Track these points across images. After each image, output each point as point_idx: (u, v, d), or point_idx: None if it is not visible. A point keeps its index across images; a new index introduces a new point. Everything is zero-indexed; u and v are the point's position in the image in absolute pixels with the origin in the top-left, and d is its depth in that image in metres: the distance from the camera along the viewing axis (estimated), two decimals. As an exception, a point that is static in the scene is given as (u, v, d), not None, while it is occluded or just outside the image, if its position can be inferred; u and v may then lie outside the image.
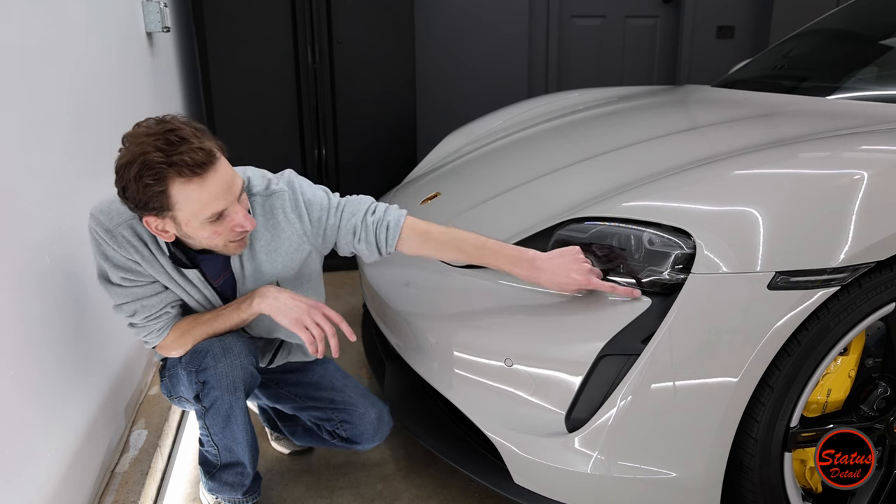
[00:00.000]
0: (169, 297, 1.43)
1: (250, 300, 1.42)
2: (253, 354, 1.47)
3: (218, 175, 1.25)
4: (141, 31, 2.35)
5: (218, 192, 1.24)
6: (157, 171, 1.19)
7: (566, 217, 1.45)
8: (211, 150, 1.24)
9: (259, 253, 1.44)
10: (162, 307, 1.42)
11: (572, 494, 1.37)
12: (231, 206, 1.28)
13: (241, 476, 1.56)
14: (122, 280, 1.37)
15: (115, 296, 1.39)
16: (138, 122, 1.25)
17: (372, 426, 1.62)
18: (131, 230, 1.34)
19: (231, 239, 1.33)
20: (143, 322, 1.41)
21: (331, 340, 1.39)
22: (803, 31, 2.52)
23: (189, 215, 1.25)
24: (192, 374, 1.41)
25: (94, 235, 1.35)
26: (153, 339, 1.44)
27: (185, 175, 1.20)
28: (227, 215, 1.28)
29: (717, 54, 4.49)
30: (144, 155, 1.19)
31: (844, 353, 1.39)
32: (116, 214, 1.34)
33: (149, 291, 1.40)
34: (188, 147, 1.20)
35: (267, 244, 1.44)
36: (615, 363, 1.31)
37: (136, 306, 1.39)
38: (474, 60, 4.26)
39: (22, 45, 1.35)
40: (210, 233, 1.29)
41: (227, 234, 1.31)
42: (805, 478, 1.44)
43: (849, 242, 1.24)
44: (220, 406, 1.42)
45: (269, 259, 1.45)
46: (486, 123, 2.55)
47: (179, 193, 1.22)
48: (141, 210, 1.25)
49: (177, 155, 1.19)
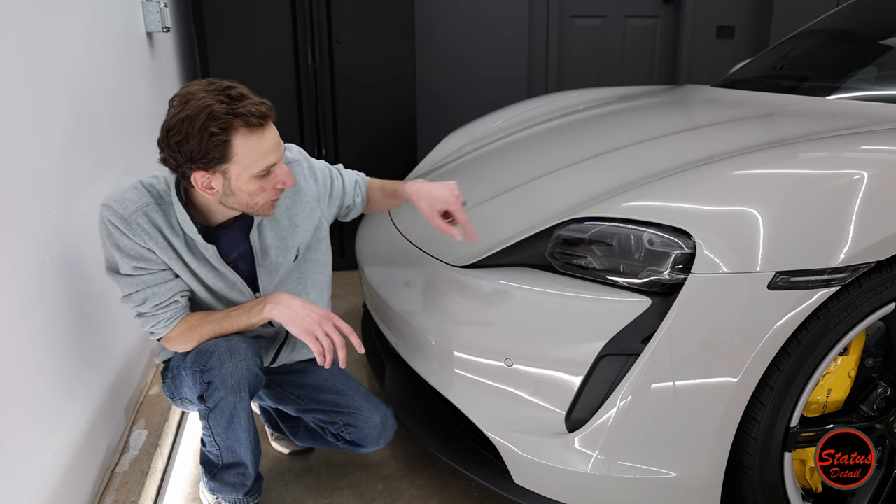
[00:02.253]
0: (179, 285, 1.44)
1: (262, 305, 1.44)
2: (258, 356, 1.47)
3: (273, 130, 1.34)
4: (141, 31, 2.35)
5: (273, 146, 1.33)
6: (223, 122, 1.26)
7: (566, 217, 1.45)
8: (270, 105, 1.33)
9: (281, 219, 1.52)
10: (172, 295, 1.43)
11: (572, 494, 1.37)
12: (280, 162, 1.36)
13: (243, 477, 1.56)
14: (134, 270, 1.39)
15: (124, 286, 1.41)
16: (188, 83, 1.33)
17: (376, 430, 1.62)
18: (146, 217, 1.38)
19: (272, 197, 1.39)
20: (152, 311, 1.42)
21: (339, 352, 1.40)
22: (803, 31, 2.52)
23: (243, 167, 1.31)
24: (197, 374, 1.41)
25: (106, 226, 1.37)
26: (160, 329, 1.44)
27: (250, 125, 1.28)
28: (274, 172, 1.36)
29: (717, 54, 4.49)
30: (210, 107, 1.26)
31: (844, 353, 1.39)
32: (130, 202, 1.38)
33: (159, 279, 1.41)
34: (250, 101, 1.29)
35: (288, 209, 1.53)
36: (615, 363, 1.31)
37: (147, 294, 1.40)
38: (474, 60, 4.26)
39: (22, 45, 1.35)
40: (256, 188, 1.35)
41: (269, 191, 1.37)
42: (805, 478, 1.44)
43: (849, 242, 1.24)
44: (224, 407, 1.42)
45: (290, 224, 1.53)
46: (486, 123, 2.55)
47: (241, 144, 1.29)
48: (194, 164, 1.30)
49: (242, 107, 1.27)
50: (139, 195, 1.38)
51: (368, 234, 2.06)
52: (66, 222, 1.50)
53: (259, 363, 1.46)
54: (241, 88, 1.31)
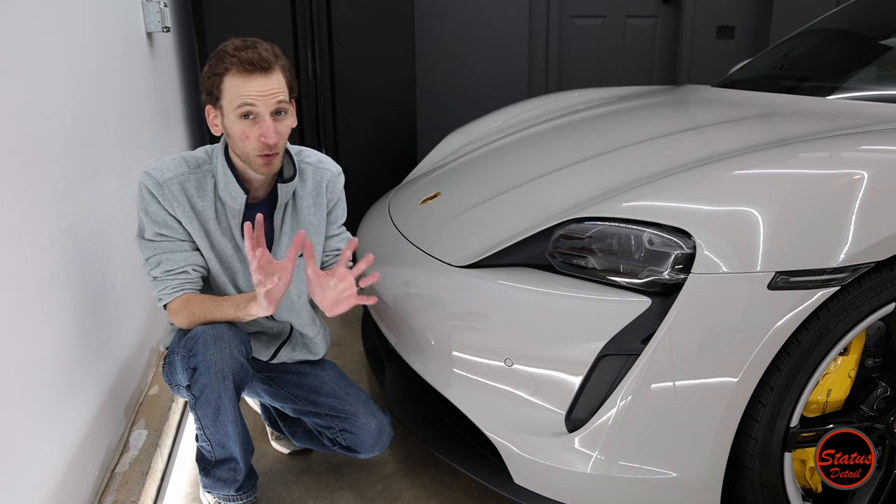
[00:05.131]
0: (195, 258, 1.51)
1: (249, 302, 1.43)
2: (245, 346, 1.47)
3: (263, 81, 1.40)
4: (141, 31, 2.35)
5: (255, 93, 1.40)
6: (221, 59, 1.41)
7: (566, 217, 1.45)
8: (270, 61, 1.41)
9: (300, 212, 1.59)
10: (184, 265, 1.50)
11: (572, 494, 1.37)
12: (263, 113, 1.41)
13: (234, 472, 1.56)
14: (156, 235, 1.49)
15: (145, 250, 1.51)
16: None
17: (372, 437, 1.61)
18: (179, 185, 1.48)
19: (258, 151, 1.43)
20: (162, 275, 1.49)
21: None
22: (803, 31, 2.52)
23: (227, 104, 1.42)
24: (185, 359, 1.43)
25: (141, 191, 1.48)
26: (166, 295, 1.50)
27: (241, 68, 1.39)
28: (258, 122, 1.41)
29: (717, 54, 4.49)
30: (224, 47, 1.42)
31: (844, 353, 1.39)
32: (168, 171, 1.49)
33: (176, 247, 1.50)
34: (254, 51, 1.40)
35: (308, 208, 1.60)
36: (615, 363, 1.31)
37: (161, 258, 1.49)
38: (474, 60, 4.26)
39: (22, 45, 1.35)
40: (240, 131, 1.42)
41: (254, 140, 1.42)
42: (805, 478, 1.44)
43: (849, 242, 1.24)
44: (209, 395, 1.43)
45: (306, 221, 1.59)
46: (486, 123, 2.55)
47: (228, 82, 1.41)
48: (206, 97, 1.46)
49: (243, 53, 1.39)
50: (177, 165, 1.50)
51: (368, 233, 2.06)
52: (66, 222, 1.50)
53: (245, 353, 1.47)
54: (263, 45, 1.43)
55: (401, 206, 2.05)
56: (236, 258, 1.56)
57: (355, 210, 2.57)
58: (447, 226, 1.76)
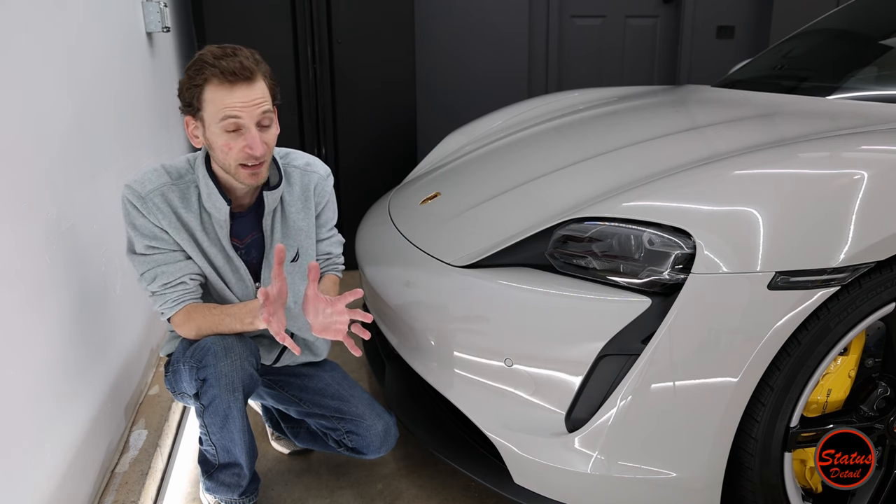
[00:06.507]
0: (189, 267, 1.49)
1: (252, 318, 1.43)
2: (254, 356, 1.47)
3: (247, 91, 1.37)
4: (141, 31, 2.35)
5: (240, 104, 1.36)
6: (200, 70, 1.36)
7: (566, 217, 1.45)
8: (252, 70, 1.37)
9: (289, 217, 1.57)
10: (180, 276, 1.47)
11: (572, 494, 1.37)
12: (248, 124, 1.38)
13: (238, 477, 1.56)
14: (146, 249, 1.46)
15: (138, 265, 1.48)
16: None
17: (378, 438, 1.61)
18: (162, 197, 1.45)
19: (242, 161, 1.40)
20: (160, 289, 1.47)
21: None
22: (803, 31, 2.52)
23: (209, 116, 1.38)
24: (194, 370, 1.42)
25: (125, 205, 1.45)
26: (167, 309, 1.48)
27: (222, 79, 1.35)
28: (243, 134, 1.38)
29: (717, 54, 4.49)
30: (202, 56, 1.38)
31: (844, 353, 1.39)
32: (149, 182, 1.45)
33: (170, 259, 1.47)
34: (234, 59, 1.36)
35: (297, 213, 1.58)
36: (615, 363, 1.31)
37: (156, 272, 1.46)
38: (474, 60, 4.26)
39: (21, 44, 1.35)
40: (223, 143, 1.39)
41: (237, 151, 1.39)
42: (805, 478, 1.44)
43: (849, 242, 1.24)
44: (218, 405, 1.43)
45: (295, 227, 1.58)
46: (486, 123, 2.55)
47: (209, 93, 1.36)
48: (185, 108, 1.42)
49: (223, 62, 1.35)
50: (158, 176, 1.46)
51: (368, 233, 2.06)
52: (66, 222, 1.50)
53: (255, 364, 1.47)
54: (243, 52, 1.39)
55: (401, 206, 2.05)
56: (228, 268, 1.53)
57: (355, 210, 2.58)
58: (447, 226, 1.76)
